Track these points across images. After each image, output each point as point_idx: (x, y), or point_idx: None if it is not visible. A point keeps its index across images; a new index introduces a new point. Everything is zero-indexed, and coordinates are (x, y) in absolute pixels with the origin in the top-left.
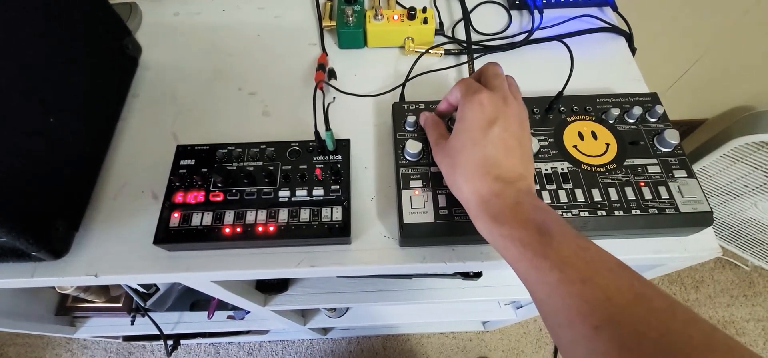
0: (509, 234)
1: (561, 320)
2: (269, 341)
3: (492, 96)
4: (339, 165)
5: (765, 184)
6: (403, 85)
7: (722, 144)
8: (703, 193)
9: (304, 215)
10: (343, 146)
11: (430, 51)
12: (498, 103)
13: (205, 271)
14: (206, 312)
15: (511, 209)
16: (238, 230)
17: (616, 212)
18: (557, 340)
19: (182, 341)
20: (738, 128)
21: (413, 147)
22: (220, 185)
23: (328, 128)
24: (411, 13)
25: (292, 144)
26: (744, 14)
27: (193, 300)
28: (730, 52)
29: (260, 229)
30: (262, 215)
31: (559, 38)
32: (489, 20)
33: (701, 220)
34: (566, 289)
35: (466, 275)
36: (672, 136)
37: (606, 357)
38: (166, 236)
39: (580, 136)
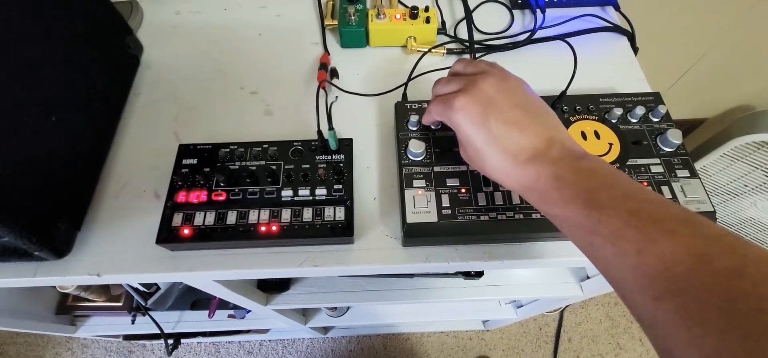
0: (559, 215)
1: (622, 291)
2: (270, 340)
3: (465, 93)
4: (342, 165)
5: (764, 183)
6: (406, 84)
7: (722, 144)
8: (706, 192)
9: (307, 214)
10: (346, 146)
11: (432, 50)
12: (473, 94)
13: (207, 270)
14: (207, 311)
15: (552, 187)
16: (241, 229)
17: None
18: (625, 303)
19: (183, 340)
20: (738, 128)
21: (416, 147)
22: (222, 184)
23: (330, 128)
24: (413, 12)
25: (295, 143)
26: (744, 14)
27: (193, 299)
28: (730, 52)
29: (263, 228)
30: (264, 214)
31: (562, 38)
32: (491, 19)
33: None
34: (622, 262)
35: (467, 275)
36: (675, 136)
37: (670, 327)
38: (169, 236)
39: (583, 135)
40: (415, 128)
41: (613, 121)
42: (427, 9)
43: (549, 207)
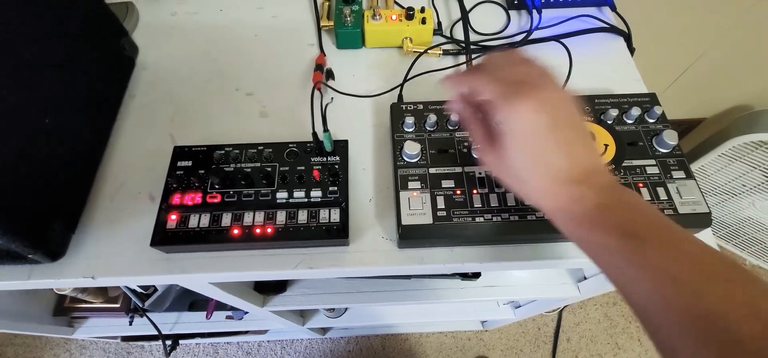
0: (596, 241)
1: (654, 323)
2: (268, 341)
3: (538, 90)
4: (337, 166)
5: (763, 183)
6: (402, 85)
7: (720, 143)
8: (702, 194)
9: (302, 216)
10: (341, 147)
11: (428, 51)
12: (545, 98)
13: (202, 272)
14: (205, 312)
15: (594, 213)
16: (236, 231)
17: None
18: (647, 330)
19: (181, 342)
20: (736, 128)
21: (411, 148)
22: (217, 186)
23: (325, 129)
24: (409, 13)
25: (290, 145)
26: (743, 14)
27: (191, 300)
28: (728, 51)
29: (258, 230)
30: (259, 216)
31: (557, 38)
32: (487, 20)
33: (700, 221)
34: (663, 299)
35: (464, 276)
36: (670, 137)
37: None
38: (164, 238)
39: None
40: (410, 130)
41: (609, 122)
42: (423, 10)
43: (584, 231)
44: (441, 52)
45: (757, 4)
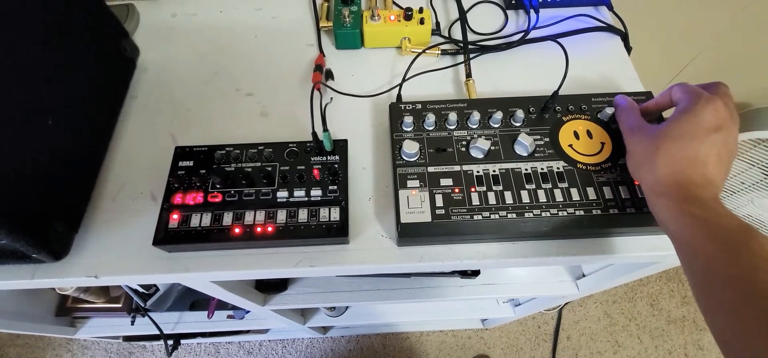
0: (700, 218)
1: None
2: (269, 341)
3: (726, 107)
4: (336, 165)
5: (762, 181)
6: (400, 85)
7: None
8: None
9: (303, 215)
10: (341, 147)
11: (426, 51)
12: (729, 115)
13: (204, 271)
14: (206, 312)
15: (709, 202)
16: (237, 230)
17: (612, 211)
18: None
19: (182, 341)
20: None
21: (410, 147)
22: (218, 186)
23: (325, 129)
24: (408, 14)
25: (290, 145)
26: (740, 12)
27: (192, 300)
28: (726, 49)
29: (259, 229)
30: (260, 215)
31: (554, 38)
32: (485, 20)
33: None
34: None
35: (464, 274)
36: None
37: None
38: (166, 237)
39: (576, 135)
40: (409, 129)
41: (606, 120)
42: (421, 10)
43: (693, 206)
44: (439, 52)
45: (754, 2)
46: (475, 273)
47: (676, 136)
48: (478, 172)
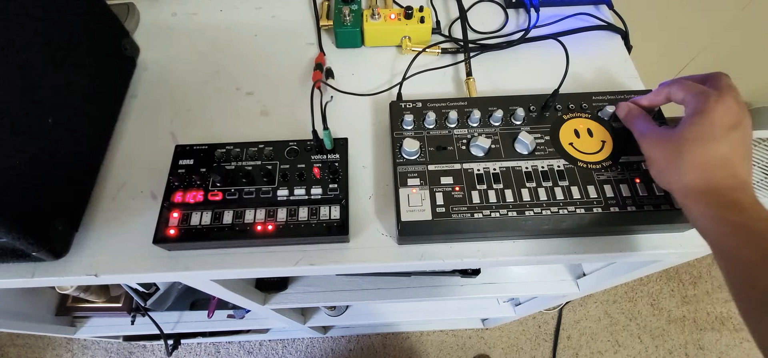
0: (740, 225)
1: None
2: (269, 340)
3: (737, 102)
4: (337, 164)
5: (761, 179)
6: (401, 83)
7: None
8: None
9: (303, 213)
10: (341, 145)
11: (427, 50)
12: (742, 110)
13: (204, 270)
14: (206, 311)
15: (749, 206)
16: (237, 229)
17: (612, 209)
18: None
19: (183, 341)
20: None
21: (411, 146)
22: (218, 184)
23: (325, 127)
24: (408, 12)
25: (290, 143)
26: (740, 11)
27: (193, 299)
28: (726, 49)
29: (259, 228)
30: (260, 213)
31: (554, 37)
32: (486, 19)
33: None
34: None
35: (464, 273)
36: None
37: None
38: (166, 236)
39: (576, 133)
40: (409, 127)
41: (606, 118)
42: (421, 9)
43: (733, 212)
44: (439, 50)
45: (754, 2)
46: (476, 272)
47: (696, 140)
48: (478, 170)
